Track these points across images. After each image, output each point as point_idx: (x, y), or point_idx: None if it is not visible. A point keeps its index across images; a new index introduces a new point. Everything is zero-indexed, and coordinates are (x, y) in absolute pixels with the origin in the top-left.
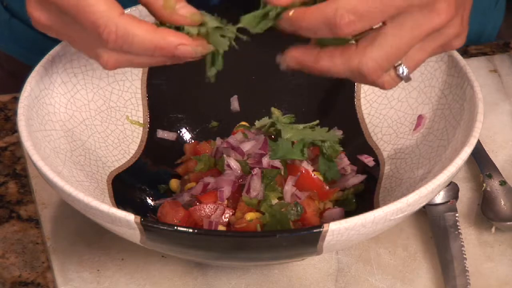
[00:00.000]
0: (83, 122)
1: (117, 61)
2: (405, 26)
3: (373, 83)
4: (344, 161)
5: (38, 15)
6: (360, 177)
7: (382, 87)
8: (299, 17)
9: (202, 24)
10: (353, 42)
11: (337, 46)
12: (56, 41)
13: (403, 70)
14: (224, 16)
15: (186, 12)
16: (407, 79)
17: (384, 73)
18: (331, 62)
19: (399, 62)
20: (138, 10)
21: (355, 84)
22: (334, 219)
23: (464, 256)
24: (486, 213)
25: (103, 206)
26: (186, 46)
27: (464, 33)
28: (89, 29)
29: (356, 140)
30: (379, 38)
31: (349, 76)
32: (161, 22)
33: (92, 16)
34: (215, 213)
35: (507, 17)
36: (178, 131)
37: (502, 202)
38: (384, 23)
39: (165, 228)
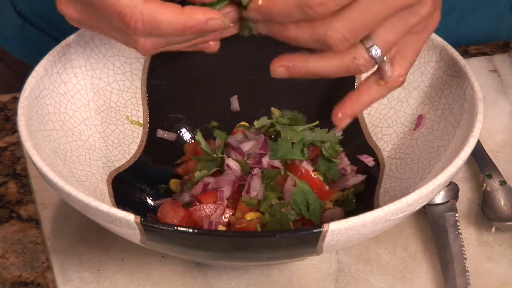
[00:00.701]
0: (83, 122)
1: (153, 44)
2: (374, 1)
3: (349, 67)
4: (344, 161)
5: (69, 11)
6: (360, 177)
7: (359, 70)
8: (270, 2)
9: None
10: None
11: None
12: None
13: (376, 51)
14: None
15: None
16: (381, 61)
17: (352, 47)
18: (299, 32)
19: (371, 43)
20: None
21: (355, 84)
22: (334, 219)
23: (464, 256)
24: (486, 213)
25: (103, 206)
26: (215, 20)
27: (437, 12)
28: (116, 20)
29: (356, 140)
30: (346, 10)
31: (316, 47)
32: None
33: (116, 7)
34: (215, 213)
35: None
36: (178, 131)
37: (502, 202)
38: None
39: (165, 228)
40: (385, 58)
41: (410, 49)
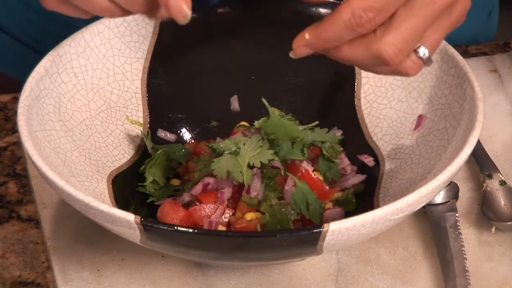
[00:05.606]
0: (83, 122)
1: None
2: (417, 6)
3: (396, 71)
4: (344, 161)
5: None
6: (360, 177)
7: (406, 73)
8: (318, 34)
9: None
10: None
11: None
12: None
13: (424, 51)
14: (224, 15)
15: None
16: (429, 61)
17: (406, 57)
18: (353, 51)
19: (418, 44)
20: None
21: (355, 84)
22: (334, 219)
23: (464, 256)
24: (486, 213)
25: (103, 206)
26: (182, 3)
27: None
28: None
29: (356, 140)
30: (394, 22)
31: (372, 63)
32: None
33: None
34: (215, 213)
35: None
36: (178, 131)
37: (502, 202)
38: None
39: (165, 228)
40: (432, 58)
41: (442, 35)
